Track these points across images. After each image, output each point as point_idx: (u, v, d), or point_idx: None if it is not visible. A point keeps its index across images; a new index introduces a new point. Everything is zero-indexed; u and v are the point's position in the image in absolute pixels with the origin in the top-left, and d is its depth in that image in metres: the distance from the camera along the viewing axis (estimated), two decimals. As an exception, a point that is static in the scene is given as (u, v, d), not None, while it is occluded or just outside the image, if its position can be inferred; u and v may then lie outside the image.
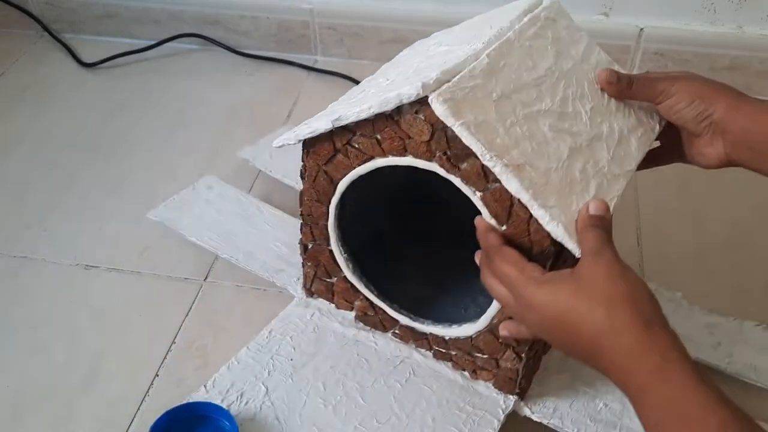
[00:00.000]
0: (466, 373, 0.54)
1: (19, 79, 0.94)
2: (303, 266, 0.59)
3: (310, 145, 0.51)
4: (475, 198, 0.45)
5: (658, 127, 0.53)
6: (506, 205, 0.44)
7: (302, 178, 0.53)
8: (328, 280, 0.58)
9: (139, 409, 0.55)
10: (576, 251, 0.41)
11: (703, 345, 0.56)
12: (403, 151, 0.46)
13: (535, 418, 0.52)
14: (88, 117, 0.87)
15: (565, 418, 0.51)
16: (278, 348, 0.56)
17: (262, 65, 0.96)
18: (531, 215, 0.43)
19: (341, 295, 0.58)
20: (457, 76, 0.43)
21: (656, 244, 0.70)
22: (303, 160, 0.52)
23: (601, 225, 0.41)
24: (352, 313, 0.59)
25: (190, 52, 0.99)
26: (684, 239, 0.71)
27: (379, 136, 0.47)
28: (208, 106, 0.90)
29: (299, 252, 0.58)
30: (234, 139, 0.83)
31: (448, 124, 0.42)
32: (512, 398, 0.53)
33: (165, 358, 0.59)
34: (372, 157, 0.48)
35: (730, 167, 0.51)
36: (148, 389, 0.56)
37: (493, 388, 0.54)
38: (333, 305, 0.59)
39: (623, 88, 0.51)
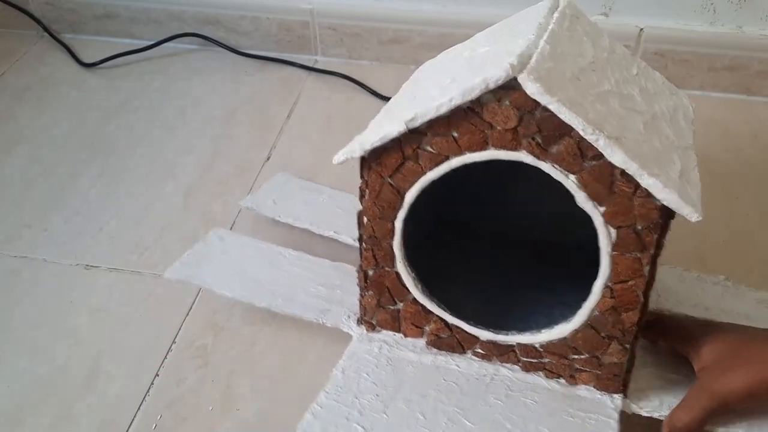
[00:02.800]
0: (562, 380, 0.52)
1: (19, 79, 0.94)
2: (361, 297, 0.54)
3: (373, 157, 0.47)
4: (569, 182, 0.43)
5: (690, 108, 0.52)
6: (607, 182, 0.42)
7: (361, 197, 0.49)
8: (392, 307, 0.54)
9: (139, 409, 0.55)
10: (693, 215, 0.41)
11: (762, 318, 0.56)
12: (483, 145, 0.44)
13: (644, 413, 0.49)
14: (89, 117, 0.88)
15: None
16: (358, 386, 0.52)
17: (263, 65, 0.96)
18: (636, 188, 0.41)
19: (410, 321, 0.54)
20: (533, 59, 0.41)
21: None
22: (363, 176, 0.49)
23: None
24: (422, 340, 0.54)
25: (190, 52, 0.99)
26: (684, 239, 0.71)
27: (455, 133, 0.44)
28: (208, 106, 0.90)
29: (358, 282, 0.54)
30: (234, 139, 0.83)
31: (543, 102, 0.40)
32: (618, 397, 0.50)
33: (165, 358, 0.59)
34: (447, 158, 0.45)
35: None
36: (148, 389, 0.56)
37: (594, 390, 0.51)
38: (399, 335, 0.55)
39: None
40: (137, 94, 0.91)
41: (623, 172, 0.41)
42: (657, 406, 0.50)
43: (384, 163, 0.47)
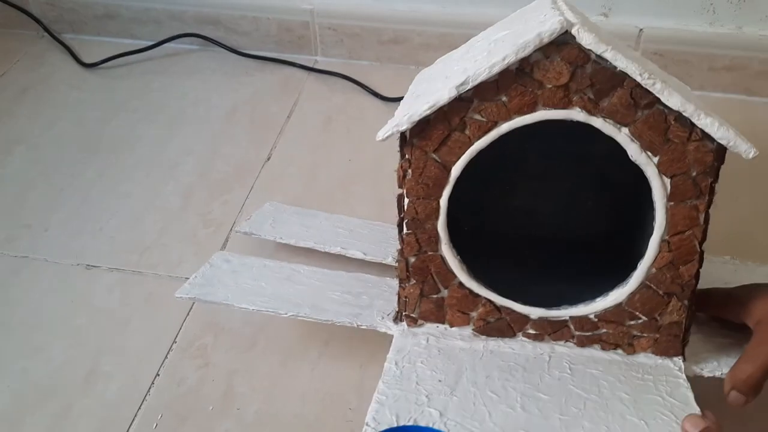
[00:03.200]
0: (620, 351, 0.51)
1: (19, 79, 0.94)
2: (401, 289, 0.52)
3: (417, 131, 0.45)
4: (622, 135, 0.43)
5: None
6: (662, 130, 0.42)
7: (402, 178, 0.48)
8: (437, 295, 0.52)
9: (139, 409, 0.55)
10: (750, 151, 0.42)
11: None
12: (533, 106, 0.44)
13: (706, 374, 0.49)
14: (89, 117, 0.88)
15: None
16: (417, 375, 0.49)
17: (263, 65, 0.96)
18: (690, 133, 0.42)
19: (456, 308, 0.52)
20: (578, 18, 0.42)
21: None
22: (404, 155, 0.47)
23: None
24: (469, 329, 0.52)
25: (190, 52, 0.99)
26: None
27: (504, 97, 0.44)
28: (208, 106, 0.90)
29: (398, 274, 0.51)
30: (234, 139, 0.83)
31: (599, 51, 0.41)
32: (679, 359, 0.49)
33: (165, 358, 0.59)
34: (495, 124, 0.44)
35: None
36: (149, 389, 0.57)
37: (654, 356, 0.50)
38: (443, 326, 0.53)
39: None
40: (137, 94, 0.91)
41: (677, 117, 0.42)
42: (716, 366, 0.49)
43: (429, 137, 0.46)
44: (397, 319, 0.53)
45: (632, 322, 0.49)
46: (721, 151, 0.43)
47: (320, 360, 0.58)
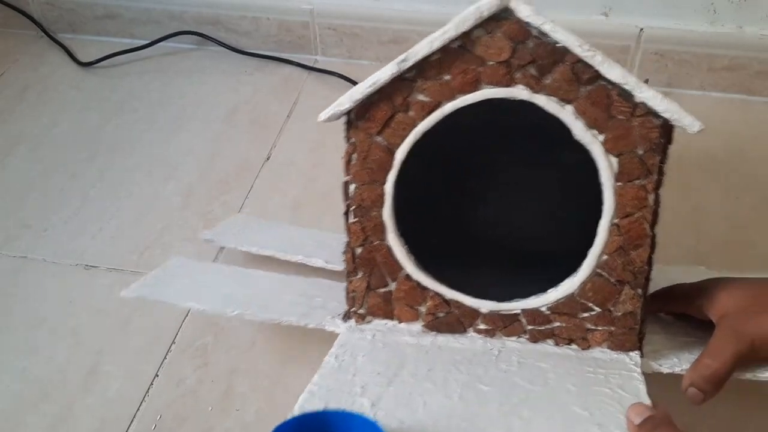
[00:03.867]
0: (574, 346, 0.49)
1: (18, 79, 0.94)
2: (349, 283, 0.51)
3: (360, 113, 0.45)
4: (566, 112, 0.43)
5: None
6: (605, 105, 0.42)
7: (347, 163, 0.47)
8: (384, 288, 0.50)
9: (139, 409, 0.55)
10: (695, 125, 0.41)
11: None
12: (476, 84, 0.43)
13: (664, 370, 0.47)
14: (89, 117, 0.88)
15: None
16: (356, 367, 0.48)
17: (263, 65, 0.96)
18: (634, 108, 0.42)
19: (404, 302, 0.50)
20: None
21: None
22: (348, 138, 0.46)
23: (657, 424, 0.39)
24: (418, 324, 0.51)
25: (190, 51, 0.99)
26: (684, 239, 0.71)
27: (447, 76, 0.43)
28: (208, 105, 0.90)
29: (345, 266, 0.50)
30: (234, 139, 0.83)
31: (537, 23, 0.40)
32: (635, 354, 0.47)
33: (165, 358, 0.59)
34: (439, 104, 0.44)
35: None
36: (148, 389, 0.56)
37: (609, 351, 0.48)
38: (392, 322, 0.51)
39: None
40: (137, 94, 0.91)
41: (620, 92, 0.42)
42: (676, 362, 0.47)
43: (372, 118, 0.45)
44: (346, 317, 0.52)
45: (585, 314, 0.48)
46: (666, 127, 0.43)
47: (320, 360, 0.58)
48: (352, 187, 0.47)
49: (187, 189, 0.76)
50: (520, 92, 0.43)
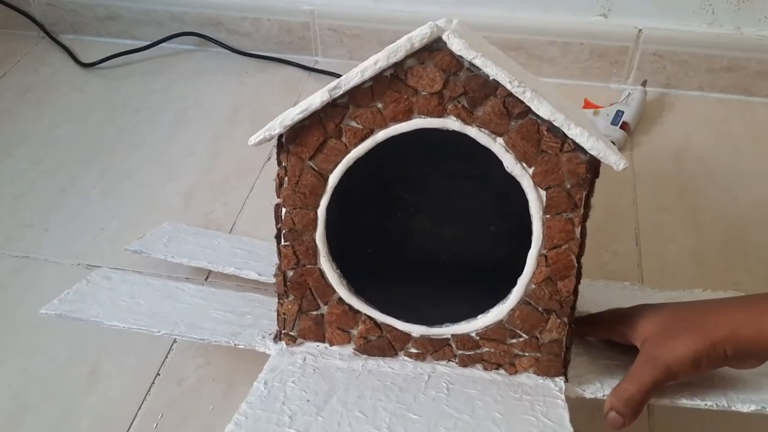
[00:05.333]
0: (502, 371, 0.50)
1: (20, 80, 0.95)
2: (279, 305, 0.50)
3: (292, 138, 0.45)
4: (497, 145, 0.43)
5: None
6: (534, 140, 0.43)
7: (279, 186, 0.47)
8: (316, 312, 0.50)
9: (139, 409, 0.55)
10: (620, 163, 0.41)
11: None
12: (409, 114, 0.44)
13: (587, 395, 0.48)
14: (90, 118, 0.88)
15: None
16: (285, 394, 0.47)
17: (263, 66, 0.97)
18: (563, 143, 0.42)
19: (336, 325, 0.50)
20: (453, 24, 0.43)
21: (655, 244, 0.70)
22: (280, 162, 0.46)
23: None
24: (349, 348, 0.51)
25: (191, 52, 1.00)
26: (683, 239, 0.71)
27: (379, 104, 0.43)
28: (209, 106, 0.90)
29: (276, 289, 0.50)
30: (235, 140, 0.84)
31: (469, 57, 0.41)
32: (560, 380, 0.49)
33: (166, 357, 0.59)
34: (371, 132, 0.44)
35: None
36: (149, 388, 0.57)
37: (536, 376, 0.49)
38: (323, 345, 0.51)
39: (630, 416, 0.45)
40: (138, 95, 0.92)
41: (549, 128, 0.42)
42: (599, 387, 0.48)
43: (304, 143, 0.45)
44: (277, 338, 0.51)
45: (513, 341, 0.49)
46: (594, 163, 0.43)
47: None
48: (283, 210, 0.47)
49: (188, 189, 0.77)
50: (452, 123, 0.43)
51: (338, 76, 0.99)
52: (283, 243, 0.48)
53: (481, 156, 0.44)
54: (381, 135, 0.44)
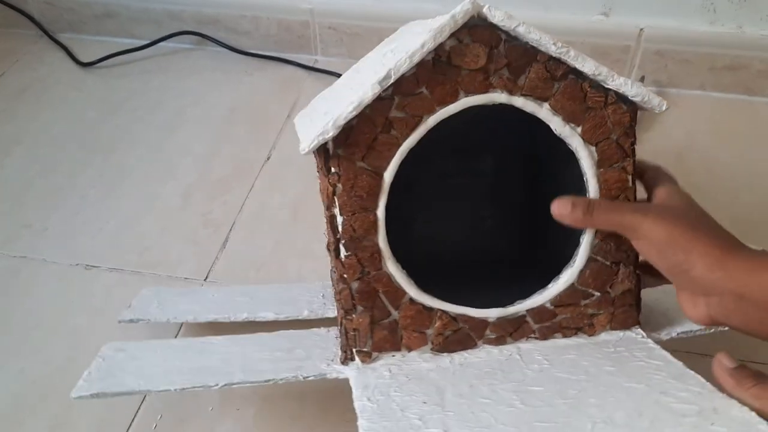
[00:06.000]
0: (581, 334, 0.49)
1: (19, 79, 0.94)
2: (348, 321, 0.47)
3: (341, 140, 0.43)
4: (543, 110, 0.44)
5: None
6: (580, 98, 0.44)
7: (332, 195, 0.44)
8: (388, 319, 0.47)
9: (138, 409, 0.55)
10: (663, 105, 0.44)
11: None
12: (455, 95, 0.43)
13: (664, 338, 0.49)
14: (88, 117, 0.88)
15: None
16: (397, 404, 0.44)
17: (262, 65, 0.96)
18: (606, 97, 0.44)
19: (411, 328, 0.48)
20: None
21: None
22: (330, 170, 0.44)
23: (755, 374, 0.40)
24: (427, 349, 0.48)
25: (189, 51, 0.99)
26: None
27: (425, 89, 0.43)
28: (207, 105, 0.90)
29: (341, 305, 0.46)
30: (234, 139, 0.83)
31: (511, 26, 0.41)
32: (638, 328, 0.49)
33: (165, 358, 0.59)
34: (420, 119, 0.43)
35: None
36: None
37: (614, 332, 0.49)
38: (400, 354, 0.48)
39: (579, 218, 0.45)
40: (137, 94, 0.91)
41: (591, 83, 0.44)
42: (670, 329, 0.49)
43: (355, 143, 0.43)
44: (347, 359, 0.48)
45: (587, 301, 0.49)
46: (633, 111, 0.45)
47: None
48: (340, 219, 0.45)
49: (186, 189, 0.76)
50: (498, 96, 0.44)
51: (338, 75, 1.00)
52: (344, 254, 0.45)
53: (523, 128, 0.45)
54: (431, 120, 0.43)
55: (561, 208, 0.45)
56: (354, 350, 0.48)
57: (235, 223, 0.72)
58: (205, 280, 0.66)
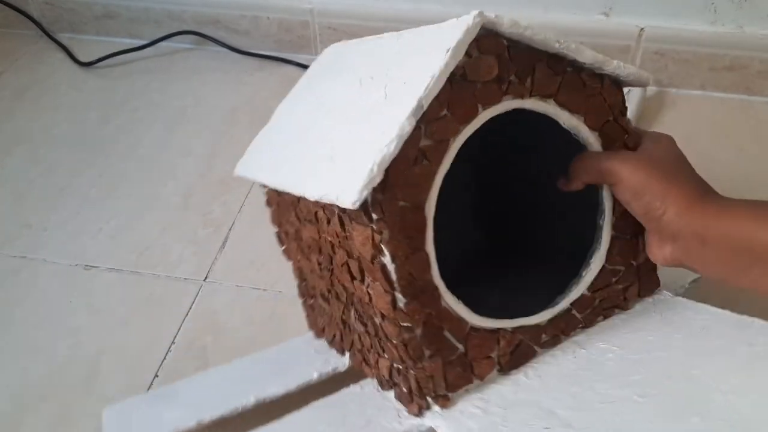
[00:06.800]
0: (617, 310, 0.50)
1: (19, 79, 0.94)
2: (420, 371, 0.43)
3: (381, 184, 0.39)
4: (551, 107, 0.44)
5: None
6: (580, 87, 0.45)
7: (378, 243, 0.40)
8: (455, 355, 0.45)
9: (139, 409, 0.55)
10: (650, 78, 0.47)
11: None
12: (475, 110, 0.41)
13: (680, 293, 0.51)
14: (89, 117, 0.88)
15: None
16: (504, 427, 0.43)
17: (263, 65, 0.96)
18: (602, 82, 0.46)
19: (480, 357, 0.45)
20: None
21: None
22: (371, 218, 0.40)
23: None
24: (494, 372, 0.46)
25: (190, 51, 0.99)
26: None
27: (446, 112, 0.41)
28: (208, 105, 0.89)
29: (410, 355, 0.43)
30: (234, 139, 0.83)
31: (519, 31, 0.41)
32: (660, 290, 0.51)
33: (165, 358, 0.59)
34: (447, 143, 0.41)
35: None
36: (148, 389, 0.56)
37: (643, 299, 0.51)
38: (474, 383, 0.45)
39: (574, 173, 0.47)
40: (137, 94, 0.91)
41: (588, 73, 0.45)
42: (681, 284, 0.52)
43: (394, 183, 0.39)
44: (422, 408, 0.44)
45: (617, 278, 0.50)
46: (622, 88, 0.47)
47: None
48: (392, 267, 0.41)
49: (186, 189, 0.76)
50: (511, 103, 0.43)
51: (338, 75, 0.98)
52: (403, 302, 0.42)
53: (533, 125, 0.46)
54: (458, 142, 0.42)
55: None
56: (433, 396, 0.44)
57: (235, 223, 0.72)
58: (204, 280, 0.66)
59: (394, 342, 0.43)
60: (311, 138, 0.46)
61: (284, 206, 0.53)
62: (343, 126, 0.43)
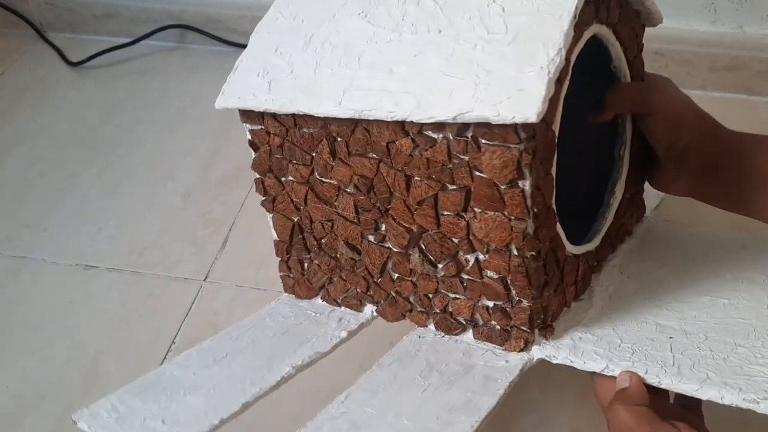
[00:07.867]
0: (626, 238, 0.54)
1: (18, 79, 0.94)
2: (535, 303, 0.42)
3: (530, 133, 0.37)
4: (611, 35, 0.45)
5: None
6: (628, 18, 0.47)
7: (518, 170, 0.38)
8: (557, 280, 0.44)
9: (138, 409, 0.55)
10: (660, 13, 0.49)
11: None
12: (581, 30, 0.41)
13: (661, 217, 0.58)
14: (88, 117, 0.87)
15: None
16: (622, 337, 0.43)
17: (262, 65, 0.96)
18: (639, 15, 0.48)
19: (570, 283, 0.45)
20: None
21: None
22: (524, 135, 0.37)
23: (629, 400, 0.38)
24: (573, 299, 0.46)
25: (189, 50, 0.99)
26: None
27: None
28: (207, 104, 0.89)
29: (527, 291, 0.41)
30: (234, 139, 0.83)
31: None
32: (647, 216, 0.57)
33: (165, 358, 0.59)
34: (569, 61, 0.39)
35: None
36: (148, 389, 0.56)
37: (638, 224, 0.55)
38: (565, 309, 0.45)
39: (612, 103, 0.47)
40: (137, 94, 0.91)
41: (632, 7, 0.47)
42: (654, 202, 0.57)
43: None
44: (529, 342, 0.42)
45: (629, 206, 0.53)
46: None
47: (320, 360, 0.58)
48: (530, 198, 0.39)
49: (186, 189, 0.76)
50: (593, 28, 0.43)
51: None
52: (532, 228, 0.39)
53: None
54: (572, 59, 0.40)
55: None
56: (543, 328, 0.43)
57: (235, 223, 0.72)
58: (204, 280, 0.66)
59: (497, 277, 0.41)
60: (390, 57, 0.41)
61: (297, 145, 0.48)
62: (462, 44, 0.39)
